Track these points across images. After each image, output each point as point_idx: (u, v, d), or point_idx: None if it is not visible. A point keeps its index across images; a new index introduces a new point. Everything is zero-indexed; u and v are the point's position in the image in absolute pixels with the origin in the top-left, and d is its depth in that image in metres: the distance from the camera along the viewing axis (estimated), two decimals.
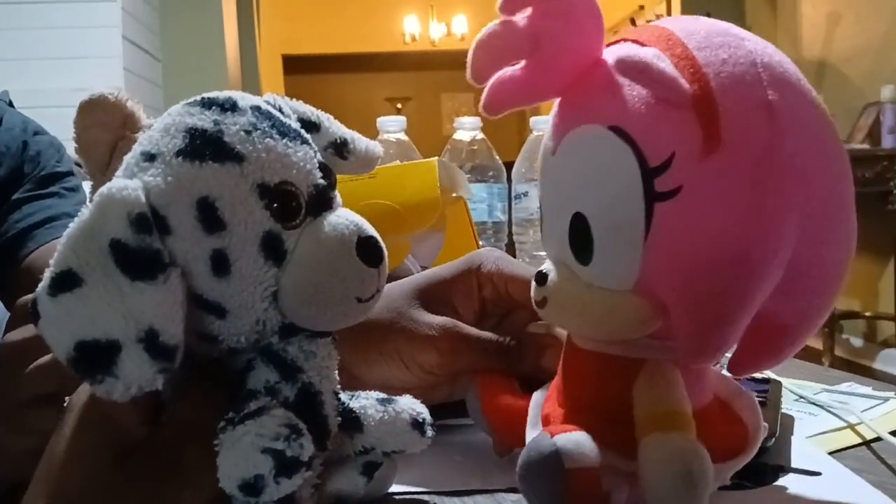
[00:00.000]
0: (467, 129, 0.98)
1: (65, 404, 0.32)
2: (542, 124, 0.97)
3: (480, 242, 0.76)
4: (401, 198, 0.66)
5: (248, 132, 0.30)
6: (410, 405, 0.37)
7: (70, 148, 0.80)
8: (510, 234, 0.98)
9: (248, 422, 0.29)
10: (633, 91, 0.32)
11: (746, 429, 0.37)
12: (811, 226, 0.32)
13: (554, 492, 0.32)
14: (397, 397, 0.37)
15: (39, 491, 0.30)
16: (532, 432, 0.38)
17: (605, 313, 0.34)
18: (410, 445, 0.36)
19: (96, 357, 0.27)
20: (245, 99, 0.32)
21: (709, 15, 0.41)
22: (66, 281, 0.27)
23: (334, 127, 0.36)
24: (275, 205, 0.30)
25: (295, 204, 0.31)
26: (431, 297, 0.46)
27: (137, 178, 0.29)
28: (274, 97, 0.35)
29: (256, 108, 0.32)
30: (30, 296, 0.45)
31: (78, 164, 0.82)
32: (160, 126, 0.31)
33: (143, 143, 0.31)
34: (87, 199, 0.45)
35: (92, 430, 0.30)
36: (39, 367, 0.40)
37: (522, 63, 0.34)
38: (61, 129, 0.84)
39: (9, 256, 0.74)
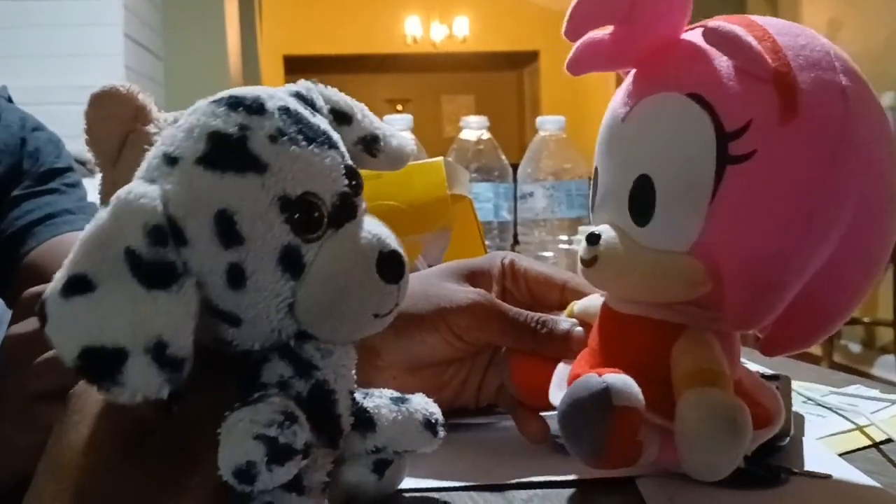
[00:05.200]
0: (473, 128, 0.98)
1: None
2: (549, 124, 0.98)
3: (486, 242, 0.76)
4: (408, 198, 0.66)
5: (273, 138, 0.29)
6: (423, 405, 0.36)
7: (70, 145, 0.80)
8: (515, 234, 0.98)
9: (244, 409, 0.28)
10: (716, 61, 0.35)
11: (768, 410, 0.37)
12: (865, 208, 0.34)
13: (600, 429, 0.32)
14: (410, 396, 0.36)
15: (48, 479, 0.30)
16: (557, 393, 0.38)
17: (657, 274, 0.35)
18: (422, 445, 0.36)
19: (102, 364, 0.27)
20: (273, 98, 0.31)
21: None
22: (78, 285, 0.27)
23: (367, 120, 0.35)
24: (296, 215, 0.29)
25: (317, 215, 0.30)
26: (458, 279, 0.47)
27: (158, 183, 0.29)
28: (308, 86, 0.34)
29: (285, 111, 0.31)
30: (36, 288, 0.44)
31: (79, 162, 0.82)
32: (185, 125, 0.30)
33: (165, 142, 0.30)
34: (98, 194, 0.45)
35: (103, 418, 0.30)
36: (47, 360, 0.40)
37: (611, 29, 0.37)
38: (63, 126, 0.84)
39: (9, 254, 0.73)
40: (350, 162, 0.32)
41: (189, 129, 0.30)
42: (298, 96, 0.33)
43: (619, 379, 0.33)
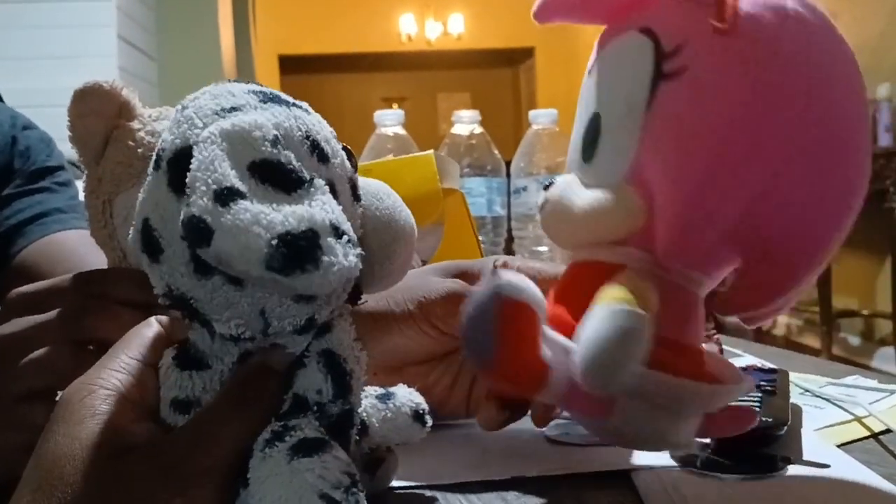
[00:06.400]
0: (466, 122, 0.97)
1: (57, 399, 0.31)
2: (542, 118, 0.97)
3: (480, 237, 0.76)
4: (399, 192, 0.65)
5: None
6: (408, 397, 0.36)
7: (64, 147, 0.79)
8: (509, 230, 0.98)
9: (313, 457, 0.27)
10: None
11: (737, 377, 0.35)
12: (811, 140, 0.32)
13: (490, 323, 0.33)
14: (394, 390, 0.36)
15: (30, 491, 0.29)
16: (546, 350, 0.38)
17: (594, 207, 0.35)
18: (413, 437, 0.36)
19: (303, 243, 0.26)
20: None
21: None
22: (230, 193, 0.26)
23: None
24: (348, 154, 0.32)
25: (352, 158, 0.33)
26: (444, 276, 0.46)
27: (252, 113, 0.29)
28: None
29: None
30: (22, 288, 0.44)
31: (73, 164, 0.82)
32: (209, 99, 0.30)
33: (206, 106, 0.30)
34: (83, 191, 0.45)
35: (86, 429, 0.29)
36: (33, 360, 0.40)
37: None
38: (55, 128, 0.83)
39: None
40: None
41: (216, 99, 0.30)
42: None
43: (514, 278, 0.34)
